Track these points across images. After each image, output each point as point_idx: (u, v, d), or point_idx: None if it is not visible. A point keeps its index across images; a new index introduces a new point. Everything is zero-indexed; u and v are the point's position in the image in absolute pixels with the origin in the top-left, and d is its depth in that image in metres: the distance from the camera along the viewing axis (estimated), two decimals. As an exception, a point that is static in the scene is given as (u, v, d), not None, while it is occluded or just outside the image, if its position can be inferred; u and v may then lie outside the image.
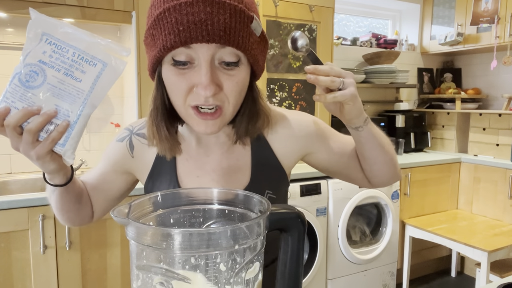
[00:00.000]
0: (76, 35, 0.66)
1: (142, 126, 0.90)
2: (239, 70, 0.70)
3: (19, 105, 0.65)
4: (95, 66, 0.66)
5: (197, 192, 0.66)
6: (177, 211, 0.65)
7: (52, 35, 0.66)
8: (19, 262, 1.82)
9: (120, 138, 0.91)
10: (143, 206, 0.61)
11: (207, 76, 0.66)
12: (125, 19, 2.19)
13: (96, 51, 0.66)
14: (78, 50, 0.66)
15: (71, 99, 0.66)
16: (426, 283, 3.30)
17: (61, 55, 0.66)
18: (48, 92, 0.66)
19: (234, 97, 0.71)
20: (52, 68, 0.65)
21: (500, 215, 3.07)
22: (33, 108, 0.64)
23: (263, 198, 0.58)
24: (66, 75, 0.66)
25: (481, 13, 3.28)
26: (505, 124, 3.17)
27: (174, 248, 0.47)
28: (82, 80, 0.66)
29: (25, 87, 0.65)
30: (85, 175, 0.95)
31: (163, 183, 0.86)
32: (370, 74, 3.34)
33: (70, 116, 0.66)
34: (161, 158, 0.86)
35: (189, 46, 0.66)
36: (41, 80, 0.65)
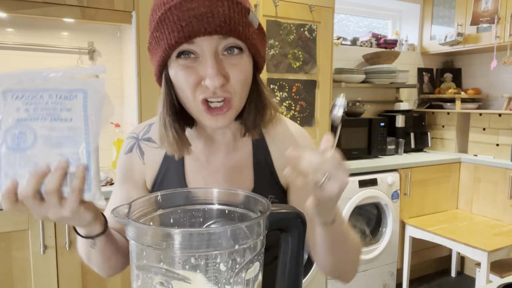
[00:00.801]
0: (39, 76, 0.60)
1: (146, 130, 0.90)
2: (242, 59, 0.72)
3: (23, 172, 0.60)
4: (77, 98, 0.61)
5: (197, 192, 0.66)
6: (177, 211, 0.65)
7: (14, 88, 0.60)
8: (19, 262, 1.82)
9: (128, 149, 0.89)
10: (143, 206, 0.61)
11: (214, 67, 0.67)
12: (125, 19, 2.19)
13: (70, 83, 0.61)
14: (51, 90, 0.60)
15: (71, 141, 0.61)
16: (426, 283, 3.30)
17: (37, 104, 0.60)
18: (45, 145, 0.60)
19: (241, 87, 0.72)
20: (36, 120, 0.60)
21: (500, 215, 3.07)
22: (42, 168, 0.59)
23: (263, 198, 0.58)
24: (54, 120, 0.60)
25: (481, 13, 3.28)
26: (505, 124, 3.17)
27: (174, 248, 0.47)
28: (72, 118, 0.61)
29: (20, 152, 0.60)
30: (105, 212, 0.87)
31: (170, 184, 0.86)
32: (370, 74, 3.34)
33: (81, 158, 0.61)
34: (169, 160, 0.86)
35: (192, 42, 0.67)
36: (32, 137, 0.60)
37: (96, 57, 2.54)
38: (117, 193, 0.90)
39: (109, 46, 2.57)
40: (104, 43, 2.55)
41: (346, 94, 3.49)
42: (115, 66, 2.61)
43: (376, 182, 2.80)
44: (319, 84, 2.83)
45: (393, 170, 2.95)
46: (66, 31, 2.44)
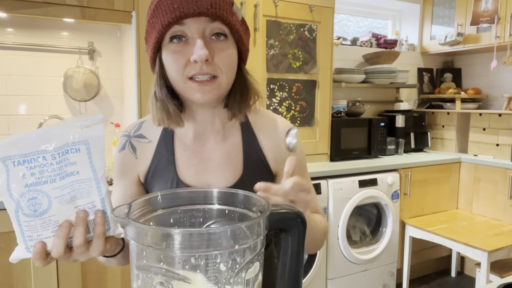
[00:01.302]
0: (38, 136, 0.60)
1: (137, 128, 0.94)
2: (228, 44, 0.79)
3: (46, 234, 0.61)
4: (80, 151, 0.62)
5: (197, 192, 0.66)
6: (177, 211, 0.65)
7: (12, 154, 0.59)
8: (19, 262, 1.82)
9: (121, 147, 0.94)
10: (143, 206, 0.61)
11: (201, 42, 0.75)
12: (125, 19, 2.19)
13: (69, 137, 0.61)
14: (53, 150, 0.60)
15: (84, 193, 0.62)
16: (426, 283, 3.30)
17: (42, 167, 0.60)
18: (60, 204, 0.61)
19: (226, 68, 0.79)
20: (46, 183, 0.60)
21: (500, 215, 3.07)
22: (64, 228, 0.61)
23: (263, 198, 0.58)
24: (63, 178, 0.61)
25: (481, 13, 3.28)
26: (505, 124, 3.17)
27: (174, 248, 0.47)
28: (78, 171, 0.62)
29: (38, 216, 0.60)
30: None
31: (162, 174, 0.89)
32: (370, 74, 3.34)
33: (96, 206, 0.63)
34: (160, 152, 0.90)
35: (183, 23, 0.75)
36: (46, 200, 0.60)
37: (96, 57, 2.54)
38: (116, 189, 0.95)
39: (109, 46, 2.57)
40: (104, 43, 2.55)
41: (346, 94, 3.49)
42: (115, 66, 2.61)
43: (376, 182, 2.80)
44: (319, 84, 2.83)
45: (393, 170, 2.95)
46: (66, 31, 2.44)
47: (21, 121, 2.38)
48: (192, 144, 0.90)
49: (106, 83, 2.59)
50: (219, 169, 0.89)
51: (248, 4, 2.48)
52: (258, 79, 2.62)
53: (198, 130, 0.90)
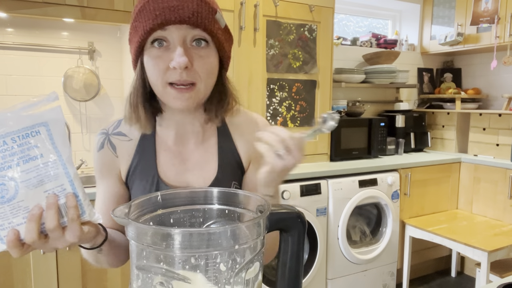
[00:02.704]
0: None
1: (115, 125, 0.94)
2: (208, 51, 0.80)
3: (18, 220, 0.60)
4: (40, 133, 0.60)
5: (197, 192, 0.66)
6: (177, 211, 0.64)
7: None
8: (19, 262, 1.82)
9: (99, 146, 0.93)
10: (143, 206, 0.61)
11: (181, 50, 0.76)
12: (125, 19, 2.19)
13: (27, 120, 0.60)
14: (12, 133, 0.59)
15: (52, 176, 0.61)
16: (426, 283, 3.30)
17: (4, 151, 0.59)
18: (28, 188, 0.60)
19: (205, 75, 0.80)
20: (10, 167, 0.59)
21: (500, 215, 3.07)
22: (35, 211, 0.61)
23: (263, 198, 0.58)
24: (27, 162, 0.60)
25: (481, 13, 3.28)
26: (505, 124, 3.17)
27: (174, 248, 0.47)
28: (42, 153, 0.60)
29: (6, 203, 0.59)
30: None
31: (143, 173, 0.90)
32: (370, 74, 3.34)
33: (66, 189, 0.62)
34: (141, 151, 0.91)
35: (164, 29, 0.76)
36: (12, 185, 0.59)
37: (96, 57, 2.55)
38: (99, 189, 0.94)
39: (109, 46, 2.57)
40: (104, 43, 2.56)
41: (346, 94, 3.49)
42: (115, 66, 2.61)
43: (376, 182, 2.80)
44: (319, 84, 2.83)
45: (393, 170, 2.95)
46: (66, 31, 2.44)
47: (21, 121, 2.38)
48: (173, 144, 0.92)
49: (106, 83, 2.59)
50: (197, 169, 0.91)
51: (248, 4, 2.48)
52: (258, 79, 2.63)
53: (179, 131, 0.92)
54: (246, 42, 2.52)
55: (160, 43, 0.78)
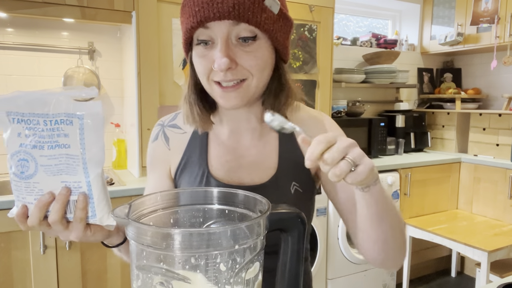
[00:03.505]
0: (36, 100, 0.58)
1: (172, 118, 0.93)
2: (257, 45, 0.73)
3: (29, 199, 0.60)
4: (73, 124, 0.58)
5: (197, 192, 0.66)
6: (177, 211, 0.64)
7: (16, 111, 0.58)
8: (19, 262, 1.82)
9: (154, 137, 0.93)
10: (143, 206, 0.61)
11: (222, 50, 0.70)
12: (125, 19, 2.19)
13: (65, 107, 0.58)
14: (47, 115, 0.58)
15: (71, 169, 0.59)
16: (426, 283, 3.30)
17: (35, 130, 0.58)
18: (46, 173, 0.59)
19: (256, 71, 0.74)
20: (35, 148, 0.58)
21: (500, 215, 3.07)
22: (45, 198, 0.60)
23: (263, 198, 0.58)
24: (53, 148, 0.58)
25: (481, 13, 3.28)
26: (505, 124, 3.16)
27: (174, 248, 0.47)
28: (70, 144, 0.59)
29: (23, 179, 0.59)
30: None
31: (193, 168, 0.87)
32: (370, 74, 3.34)
33: (82, 187, 0.60)
34: (193, 145, 0.88)
35: (206, 27, 0.71)
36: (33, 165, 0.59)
37: (96, 57, 2.54)
38: (149, 183, 0.93)
39: (109, 46, 2.57)
40: (104, 43, 2.55)
41: (346, 94, 3.49)
42: (115, 66, 2.61)
43: (376, 182, 2.80)
44: (319, 84, 2.83)
45: (393, 170, 2.95)
46: (66, 31, 2.44)
47: (21, 121, 2.38)
48: (227, 139, 0.88)
49: (106, 83, 2.59)
50: (253, 167, 0.86)
51: (248, 4, 2.48)
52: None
53: (233, 127, 0.87)
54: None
55: (205, 43, 0.73)
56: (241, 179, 0.85)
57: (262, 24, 0.71)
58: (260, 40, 0.73)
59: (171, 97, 2.31)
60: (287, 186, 0.84)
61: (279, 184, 0.84)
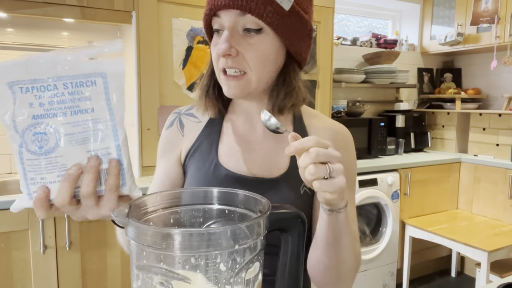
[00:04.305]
0: (48, 62, 0.52)
1: (189, 107, 0.94)
2: (261, 38, 0.74)
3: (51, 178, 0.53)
4: (96, 84, 0.53)
5: (197, 192, 0.66)
6: (177, 211, 0.64)
7: (22, 79, 0.51)
8: (19, 262, 1.82)
9: (169, 124, 0.93)
10: (143, 206, 0.61)
11: (225, 37, 0.73)
12: (125, 19, 2.19)
13: (84, 67, 0.53)
14: (65, 78, 0.52)
15: (99, 136, 0.54)
16: (426, 283, 3.30)
17: (52, 97, 0.52)
18: (70, 143, 0.53)
19: (255, 65, 0.75)
20: (55, 116, 0.52)
21: (500, 215, 3.07)
22: (73, 171, 0.54)
23: (263, 198, 0.58)
24: (75, 114, 0.53)
25: (481, 13, 3.28)
26: (505, 124, 3.16)
27: (174, 248, 0.47)
28: (93, 108, 0.53)
29: (43, 155, 0.52)
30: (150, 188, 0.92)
31: (202, 155, 0.87)
32: (370, 74, 3.34)
33: (111, 153, 0.55)
34: (206, 133, 0.89)
35: (218, 15, 0.75)
36: (53, 136, 0.52)
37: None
38: (158, 169, 0.93)
39: (109, 46, 2.57)
40: (104, 43, 2.55)
41: (346, 94, 3.49)
42: (115, 66, 2.61)
43: (376, 182, 2.80)
44: (319, 84, 2.82)
45: (393, 170, 2.95)
46: (66, 31, 2.44)
47: (21, 121, 2.38)
48: (241, 130, 0.88)
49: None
50: (265, 160, 0.85)
51: (248, 4, 2.48)
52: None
53: (247, 118, 0.88)
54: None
55: (217, 32, 0.77)
56: (250, 171, 0.84)
57: (265, 17, 0.72)
58: (265, 34, 0.74)
59: (171, 97, 2.31)
60: (297, 185, 0.84)
61: (290, 182, 0.83)
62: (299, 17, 0.76)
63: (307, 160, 0.58)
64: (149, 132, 2.26)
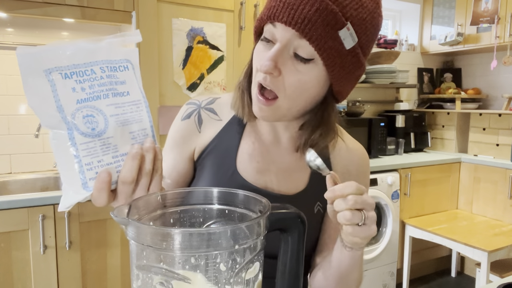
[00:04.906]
0: (82, 49, 0.53)
1: (210, 101, 0.88)
2: (309, 69, 0.68)
3: (107, 159, 0.54)
4: (128, 69, 0.56)
5: (197, 192, 0.66)
6: (177, 211, 0.64)
7: (60, 65, 0.52)
8: (19, 262, 1.82)
9: (186, 115, 0.87)
10: (143, 206, 0.61)
11: (271, 54, 0.67)
12: (125, 19, 2.19)
13: (115, 53, 0.56)
14: (101, 62, 0.54)
15: (137, 117, 0.56)
16: (426, 283, 3.30)
17: (92, 80, 0.53)
18: (117, 125, 0.54)
19: (292, 92, 0.69)
20: (99, 98, 0.53)
21: (500, 215, 3.07)
22: (137, 150, 0.55)
23: (263, 198, 0.58)
24: (115, 96, 0.54)
25: (481, 13, 3.28)
26: (505, 124, 3.17)
27: (174, 248, 0.47)
28: (129, 91, 0.56)
29: (97, 136, 0.53)
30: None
31: (219, 158, 0.83)
32: (370, 74, 3.34)
33: (148, 134, 0.57)
34: (226, 133, 0.85)
35: (275, 25, 0.67)
36: (102, 118, 0.53)
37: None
38: (169, 156, 0.88)
39: (109, 46, 2.57)
40: (104, 43, 2.55)
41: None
42: (115, 66, 2.61)
43: (376, 182, 2.80)
44: (319, 84, 2.82)
45: (393, 170, 2.95)
46: (66, 31, 2.44)
47: (21, 121, 2.38)
48: (264, 139, 0.84)
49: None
50: (283, 175, 0.82)
51: (248, 4, 2.48)
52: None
53: (273, 129, 0.84)
54: (246, 42, 2.52)
55: (267, 41, 0.70)
56: (267, 184, 0.82)
57: (323, 51, 0.65)
58: (314, 65, 0.67)
59: (171, 97, 2.31)
60: (312, 204, 0.83)
61: (305, 200, 0.82)
62: (357, 58, 0.69)
63: (343, 205, 0.61)
64: (149, 132, 2.26)
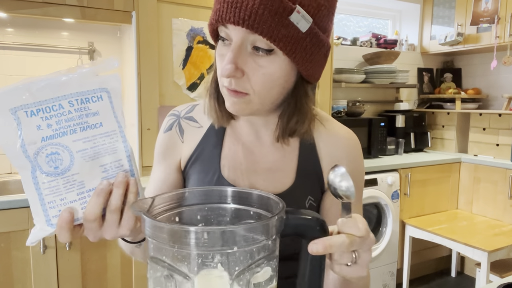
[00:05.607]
0: (50, 84, 0.52)
1: (189, 109, 0.88)
2: (270, 61, 0.66)
3: (71, 197, 0.53)
4: (103, 99, 0.54)
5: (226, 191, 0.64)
6: (205, 208, 0.63)
7: (25, 103, 0.50)
8: (19, 262, 1.82)
9: (168, 127, 0.87)
10: (169, 201, 0.59)
11: (229, 56, 0.65)
12: (125, 19, 2.19)
13: (88, 83, 0.54)
14: (70, 96, 0.52)
15: (110, 149, 0.55)
16: (426, 283, 3.30)
17: (59, 115, 0.52)
18: (84, 160, 0.53)
19: (260, 88, 0.68)
20: (65, 134, 0.52)
21: (500, 215, 3.07)
22: (104, 186, 0.54)
23: (280, 200, 0.56)
24: (84, 130, 0.53)
25: (481, 13, 3.28)
26: (505, 124, 3.17)
27: (191, 245, 0.47)
28: (101, 122, 0.54)
29: (60, 175, 0.52)
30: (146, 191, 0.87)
31: (204, 165, 0.83)
32: (370, 74, 3.34)
33: (124, 165, 0.56)
34: (207, 141, 0.84)
35: (226, 26, 0.65)
36: (68, 155, 0.52)
37: (96, 57, 2.54)
38: (155, 175, 0.88)
39: (109, 46, 2.57)
40: (104, 43, 2.55)
41: (346, 94, 3.49)
42: (115, 66, 2.60)
43: (376, 182, 2.80)
44: (319, 84, 2.82)
45: (393, 170, 2.95)
46: (66, 31, 2.44)
47: (20, 121, 2.37)
48: (245, 141, 0.83)
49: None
50: (269, 174, 0.81)
51: (249, 3, 2.48)
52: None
53: (253, 128, 0.82)
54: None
55: (223, 40, 0.68)
56: (253, 185, 0.80)
57: (279, 41, 0.63)
58: (276, 56, 0.66)
59: (171, 97, 2.30)
60: (302, 200, 0.81)
61: (295, 196, 0.80)
62: (316, 38, 0.67)
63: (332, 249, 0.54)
64: (149, 132, 2.26)
